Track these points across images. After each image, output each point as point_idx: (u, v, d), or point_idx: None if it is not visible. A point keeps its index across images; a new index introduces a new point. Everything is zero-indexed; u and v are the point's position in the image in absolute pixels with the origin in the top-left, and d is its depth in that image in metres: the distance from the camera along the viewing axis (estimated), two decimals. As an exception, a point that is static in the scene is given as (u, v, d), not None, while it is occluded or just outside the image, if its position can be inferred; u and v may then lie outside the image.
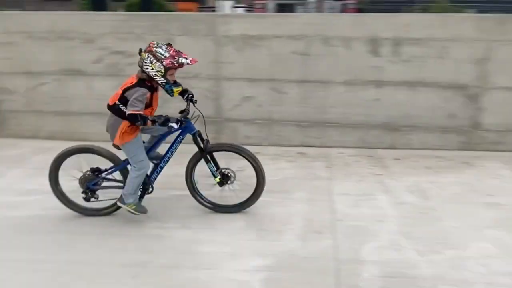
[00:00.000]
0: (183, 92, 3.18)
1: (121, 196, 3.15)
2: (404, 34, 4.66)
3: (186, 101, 3.24)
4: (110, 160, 3.21)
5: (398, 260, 2.77)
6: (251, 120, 5.11)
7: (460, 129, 4.86)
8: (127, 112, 2.83)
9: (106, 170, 3.24)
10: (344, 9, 23.67)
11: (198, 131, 3.19)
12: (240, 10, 24.42)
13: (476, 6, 24.69)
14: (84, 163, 3.23)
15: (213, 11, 24.45)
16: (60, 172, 3.25)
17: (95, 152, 3.19)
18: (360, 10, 22.74)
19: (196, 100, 3.26)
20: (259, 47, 4.85)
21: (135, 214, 3.16)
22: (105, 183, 3.30)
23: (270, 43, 4.84)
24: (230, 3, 26.06)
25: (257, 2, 27.88)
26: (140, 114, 2.82)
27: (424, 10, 14.81)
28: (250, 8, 26.96)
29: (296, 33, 4.81)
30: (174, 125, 3.01)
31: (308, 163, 4.59)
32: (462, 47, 4.63)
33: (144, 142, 3.19)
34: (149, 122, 2.88)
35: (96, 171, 3.22)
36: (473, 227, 3.17)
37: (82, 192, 3.23)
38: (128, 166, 3.15)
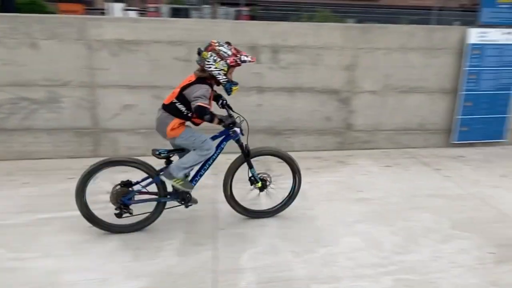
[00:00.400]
0: (217, 98, 3.16)
1: (167, 171, 2.98)
2: (281, 42, 4.85)
3: (223, 107, 3.19)
4: (146, 171, 3.03)
5: (275, 264, 2.81)
6: (134, 129, 4.83)
7: (336, 131, 5.22)
8: (197, 104, 2.72)
9: (137, 182, 3.03)
10: (238, 16, 24.23)
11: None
12: (132, 13, 23.43)
13: (356, 16, 27.25)
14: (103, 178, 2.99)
15: (103, 13, 23.05)
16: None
17: (128, 164, 3.02)
18: (252, 17, 23.51)
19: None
20: (136, 52, 4.60)
21: (181, 189, 3.07)
22: (139, 197, 3.07)
23: (149, 48, 4.63)
24: (120, 5, 24.83)
25: (150, 5, 27.03)
26: (208, 107, 2.75)
27: (310, 18, 15.80)
28: (143, 12, 26.04)
29: (176, 38, 4.69)
30: (238, 131, 3.04)
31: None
32: (333, 54, 4.98)
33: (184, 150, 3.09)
34: (216, 120, 2.83)
35: (127, 184, 3.01)
36: (344, 223, 3.38)
37: (116, 208, 2.99)
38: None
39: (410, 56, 5.08)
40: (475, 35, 4.97)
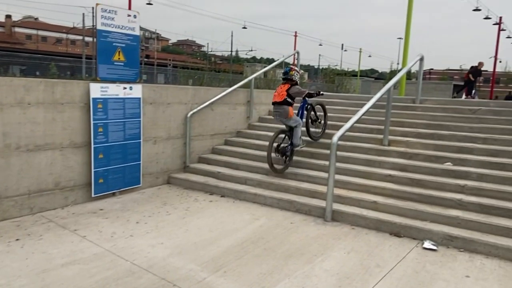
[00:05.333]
0: None
1: (293, 145, 5.83)
2: None
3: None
4: (289, 134, 5.93)
5: None
6: None
7: None
8: (307, 91, 5.87)
9: (282, 142, 5.84)
10: None
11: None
12: None
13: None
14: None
15: None
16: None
17: (286, 132, 5.93)
18: None
19: None
20: None
21: (302, 148, 6.10)
22: (286, 148, 5.85)
23: None
24: None
25: None
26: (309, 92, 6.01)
27: None
28: None
29: None
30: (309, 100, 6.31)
31: None
32: None
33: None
34: (314, 95, 6.02)
35: (280, 144, 5.78)
36: None
37: (282, 156, 5.78)
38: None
39: (32, 112, 4.62)
40: (96, 89, 5.11)
